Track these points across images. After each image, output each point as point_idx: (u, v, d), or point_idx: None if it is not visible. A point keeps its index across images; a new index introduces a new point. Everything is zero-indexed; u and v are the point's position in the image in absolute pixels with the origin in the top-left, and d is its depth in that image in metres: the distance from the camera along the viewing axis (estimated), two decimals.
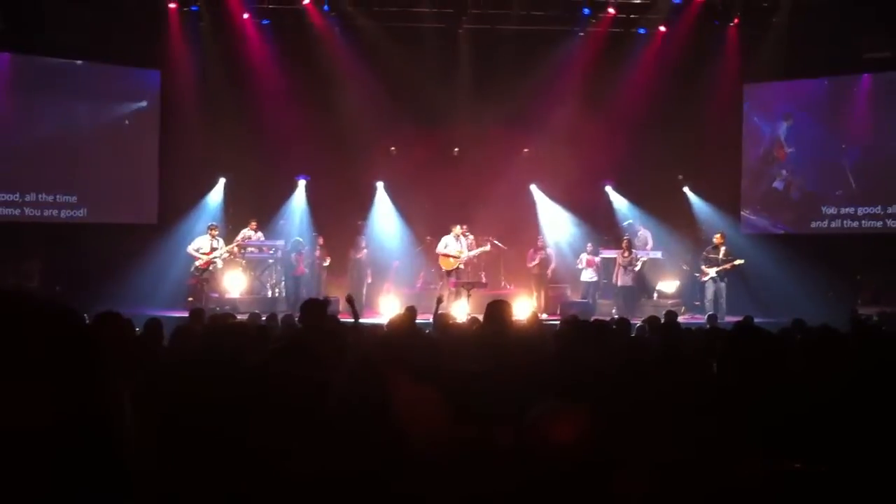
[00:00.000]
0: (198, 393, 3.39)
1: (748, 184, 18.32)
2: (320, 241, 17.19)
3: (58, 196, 16.73)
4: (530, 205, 18.72)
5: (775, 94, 18.22)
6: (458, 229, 16.71)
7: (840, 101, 17.59)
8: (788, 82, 17.97)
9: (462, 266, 16.63)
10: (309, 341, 5.54)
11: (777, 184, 18.03)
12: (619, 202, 18.54)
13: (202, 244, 16.01)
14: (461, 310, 15.41)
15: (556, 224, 18.34)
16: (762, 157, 18.28)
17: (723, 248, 16.14)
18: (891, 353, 5.98)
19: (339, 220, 17.77)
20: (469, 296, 15.84)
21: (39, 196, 16.61)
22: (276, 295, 16.79)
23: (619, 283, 16.70)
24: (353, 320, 8.08)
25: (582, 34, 18.29)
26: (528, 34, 17.89)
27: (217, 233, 16.23)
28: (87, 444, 0.92)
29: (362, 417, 2.75)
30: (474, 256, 16.79)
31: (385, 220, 18.41)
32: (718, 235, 16.41)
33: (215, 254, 15.99)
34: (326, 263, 17.18)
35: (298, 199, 18.21)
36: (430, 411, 3.75)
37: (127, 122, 17.33)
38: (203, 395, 3.34)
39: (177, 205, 17.38)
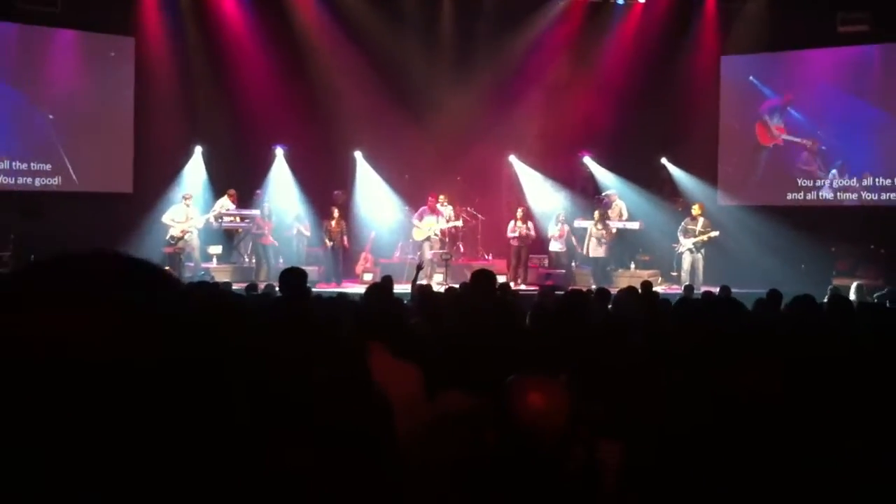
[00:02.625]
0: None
1: (727, 157, 18.32)
2: (297, 210, 17.11)
3: (32, 164, 16.56)
4: (509, 175, 18.71)
5: (753, 67, 18.22)
6: (430, 201, 16.83)
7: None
8: (763, 55, 17.97)
9: (436, 236, 16.63)
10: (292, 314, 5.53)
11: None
12: (598, 172, 18.54)
13: (177, 213, 15.94)
14: (439, 280, 15.47)
15: (536, 194, 18.30)
16: (745, 133, 18.26)
17: (701, 220, 16.19)
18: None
19: (316, 188, 17.70)
20: (447, 266, 15.87)
21: (13, 164, 16.44)
22: (252, 264, 16.72)
23: (591, 254, 16.74)
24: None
25: (561, 4, 18.23)
26: (509, 5, 17.83)
27: (191, 202, 16.16)
28: None
29: (345, 392, 2.74)
30: (448, 228, 16.79)
31: (363, 190, 18.33)
32: (697, 206, 16.46)
33: (190, 223, 15.93)
34: (308, 233, 17.14)
35: (280, 168, 18.07)
36: (407, 383, 3.75)
37: (101, 89, 17.11)
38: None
39: (152, 174, 17.23)
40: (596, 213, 16.89)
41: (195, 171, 17.67)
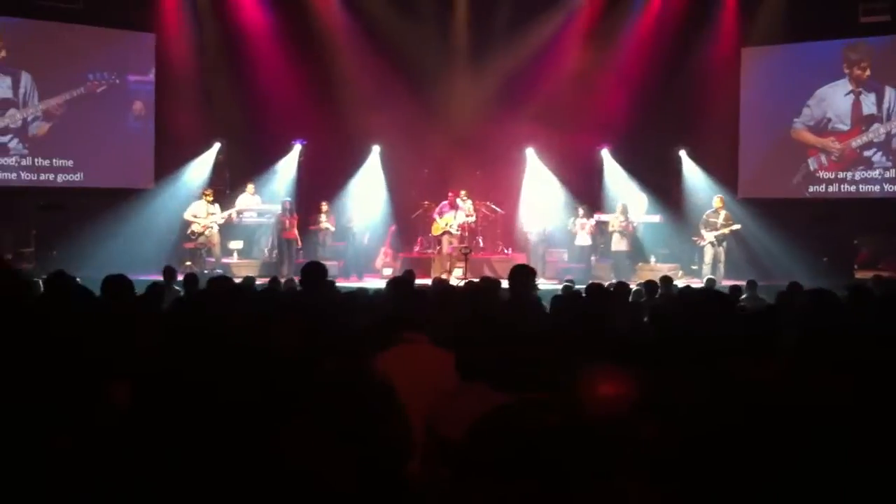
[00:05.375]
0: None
1: (748, 149, 18.15)
2: (323, 206, 17.07)
3: (54, 160, 16.68)
4: (528, 169, 18.65)
5: (776, 59, 18.06)
6: (451, 196, 16.80)
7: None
8: (780, 46, 17.81)
9: (455, 231, 16.60)
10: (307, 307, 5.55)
11: None
12: (615, 166, 18.45)
13: (198, 209, 16.02)
14: (458, 274, 15.48)
15: (548, 189, 18.21)
16: (765, 125, 18.09)
17: (723, 213, 16.11)
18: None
19: (337, 184, 17.76)
20: (467, 260, 15.85)
21: (36, 160, 16.57)
22: (273, 258, 16.76)
23: (614, 248, 16.66)
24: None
25: None
26: None
27: (212, 198, 16.22)
28: None
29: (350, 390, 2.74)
30: (465, 223, 16.76)
31: (382, 184, 18.34)
32: (718, 199, 16.37)
33: (212, 218, 16.00)
34: (332, 227, 17.06)
35: (290, 164, 18.14)
36: (447, 372, 3.74)
37: (122, 85, 17.23)
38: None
39: (173, 169, 17.33)
40: (618, 206, 16.82)
41: (213, 166, 17.74)
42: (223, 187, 17.48)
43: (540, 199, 17.86)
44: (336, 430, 2.28)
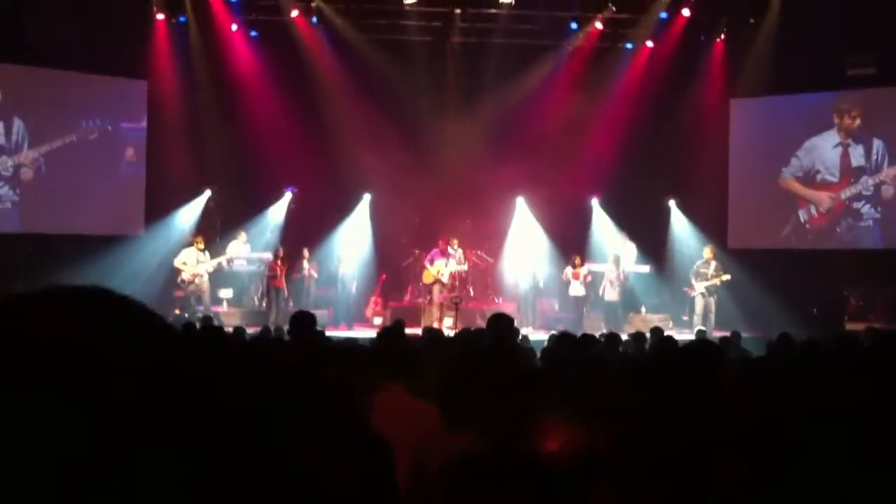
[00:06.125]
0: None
1: (737, 199, 18.21)
2: (305, 253, 17.03)
3: (46, 207, 16.61)
4: (518, 217, 18.67)
5: (764, 110, 18.23)
6: (441, 244, 16.79)
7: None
8: (768, 98, 17.98)
9: (446, 280, 16.58)
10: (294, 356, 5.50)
11: None
12: (603, 216, 18.48)
13: (188, 256, 15.96)
14: (449, 324, 15.40)
15: (535, 238, 18.19)
16: (754, 175, 18.20)
17: (713, 263, 16.14)
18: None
19: (325, 231, 17.77)
20: (458, 310, 15.78)
21: (27, 207, 16.49)
22: (263, 307, 16.69)
23: (606, 298, 16.64)
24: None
25: (569, 49, 18.35)
26: (516, 48, 17.92)
27: (203, 245, 16.17)
28: None
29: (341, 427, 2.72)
30: (456, 272, 16.74)
31: (372, 232, 18.33)
32: (708, 250, 16.40)
33: (202, 266, 15.94)
34: (315, 274, 17.01)
35: (280, 211, 18.16)
36: (424, 422, 3.72)
37: (114, 131, 17.26)
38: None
39: (163, 215, 17.31)
40: (611, 257, 16.83)
41: (201, 214, 17.73)
42: (214, 234, 17.44)
43: (527, 248, 17.82)
44: (337, 432, 2.27)
